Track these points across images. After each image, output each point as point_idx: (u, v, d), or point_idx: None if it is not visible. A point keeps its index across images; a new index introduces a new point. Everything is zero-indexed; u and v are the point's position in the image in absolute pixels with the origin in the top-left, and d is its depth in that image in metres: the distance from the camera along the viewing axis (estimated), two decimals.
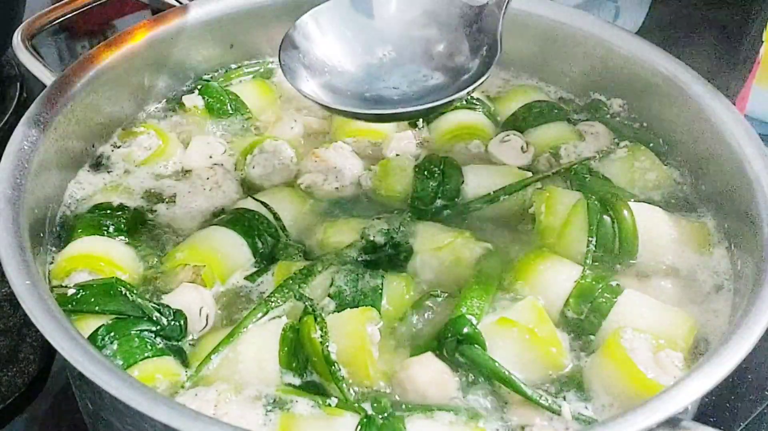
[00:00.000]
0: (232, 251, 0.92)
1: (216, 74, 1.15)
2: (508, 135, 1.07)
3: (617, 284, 0.89)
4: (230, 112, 1.10)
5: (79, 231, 0.94)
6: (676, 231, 0.95)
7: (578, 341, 0.87)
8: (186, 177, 1.02)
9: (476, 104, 1.11)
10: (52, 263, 0.91)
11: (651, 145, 1.06)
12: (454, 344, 0.83)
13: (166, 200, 0.99)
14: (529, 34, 1.13)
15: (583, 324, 0.87)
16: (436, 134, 1.09)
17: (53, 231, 0.95)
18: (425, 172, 1.00)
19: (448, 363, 0.83)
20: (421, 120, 1.09)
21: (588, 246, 0.92)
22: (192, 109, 1.09)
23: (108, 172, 1.02)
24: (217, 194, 1.00)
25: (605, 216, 0.94)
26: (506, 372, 0.81)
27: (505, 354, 0.82)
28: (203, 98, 1.10)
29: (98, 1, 1.11)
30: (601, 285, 0.88)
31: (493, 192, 0.99)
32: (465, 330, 0.83)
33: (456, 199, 1.00)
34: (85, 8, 1.11)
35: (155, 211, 0.98)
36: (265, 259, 0.93)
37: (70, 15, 1.10)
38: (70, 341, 0.73)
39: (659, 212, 0.97)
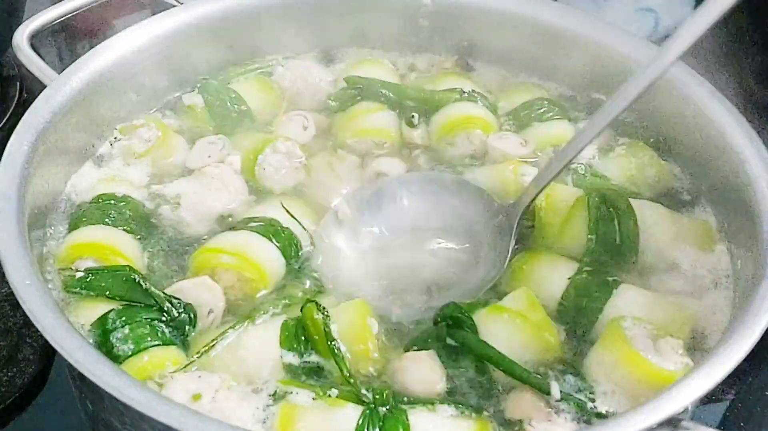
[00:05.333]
0: (276, 265, 0.92)
1: (216, 74, 1.14)
2: (505, 134, 1.07)
3: (614, 279, 0.89)
4: (231, 109, 1.09)
5: (84, 220, 0.94)
6: (676, 228, 0.95)
7: (575, 333, 0.87)
8: (190, 176, 1.01)
9: (477, 97, 1.10)
10: (53, 262, 0.91)
11: (651, 140, 1.06)
12: (444, 329, 0.84)
13: (171, 201, 0.98)
14: (529, 33, 1.13)
15: (579, 317, 0.88)
16: (438, 126, 1.08)
17: (55, 230, 0.95)
18: None
19: (445, 362, 0.83)
20: (417, 117, 1.09)
21: (589, 244, 0.92)
22: (192, 108, 1.09)
23: (109, 168, 1.02)
24: (223, 195, 0.98)
25: (606, 213, 0.93)
26: (496, 352, 0.81)
27: (498, 341, 0.83)
28: (203, 96, 1.09)
29: (98, 1, 1.11)
30: (597, 280, 0.89)
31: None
32: (456, 314, 0.84)
33: None
34: (85, 8, 1.11)
35: (160, 213, 0.97)
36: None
37: (70, 15, 1.10)
38: (70, 341, 0.73)
39: (660, 209, 0.97)
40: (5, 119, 1.30)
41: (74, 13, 1.10)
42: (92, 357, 0.72)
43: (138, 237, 0.94)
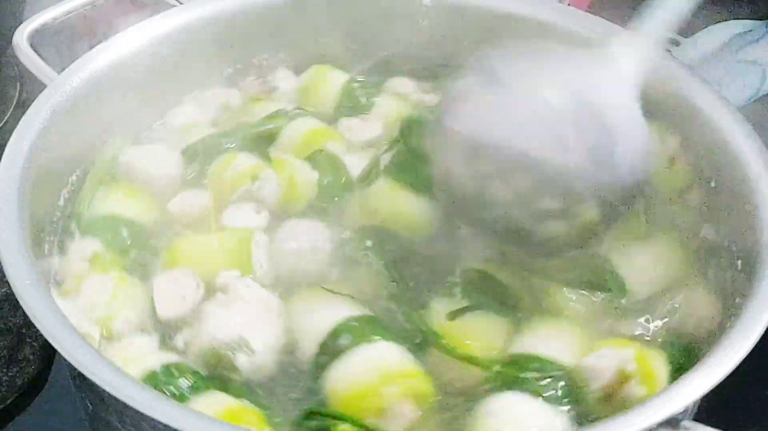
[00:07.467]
0: None
1: (212, 79, 1.14)
2: (347, 124, 1.07)
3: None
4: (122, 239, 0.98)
5: (93, 229, 0.93)
6: None
7: None
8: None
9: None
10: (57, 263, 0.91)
11: None
12: None
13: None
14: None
15: None
16: (292, 150, 1.04)
17: (55, 230, 0.95)
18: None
19: None
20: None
21: None
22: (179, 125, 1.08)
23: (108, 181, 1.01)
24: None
25: None
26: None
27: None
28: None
29: (98, 1, 1.11)
30: None
31: None
32: None
33: None
34: (85, 8, 1.11)
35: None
36: None
37: (70, 15, 1.10)
38: (70, 341, 0.73)
39: None
40: (5, 119, 1.30)
41: (74, 13, 1.11)
42: (92, 357, 0.72)
43: None
